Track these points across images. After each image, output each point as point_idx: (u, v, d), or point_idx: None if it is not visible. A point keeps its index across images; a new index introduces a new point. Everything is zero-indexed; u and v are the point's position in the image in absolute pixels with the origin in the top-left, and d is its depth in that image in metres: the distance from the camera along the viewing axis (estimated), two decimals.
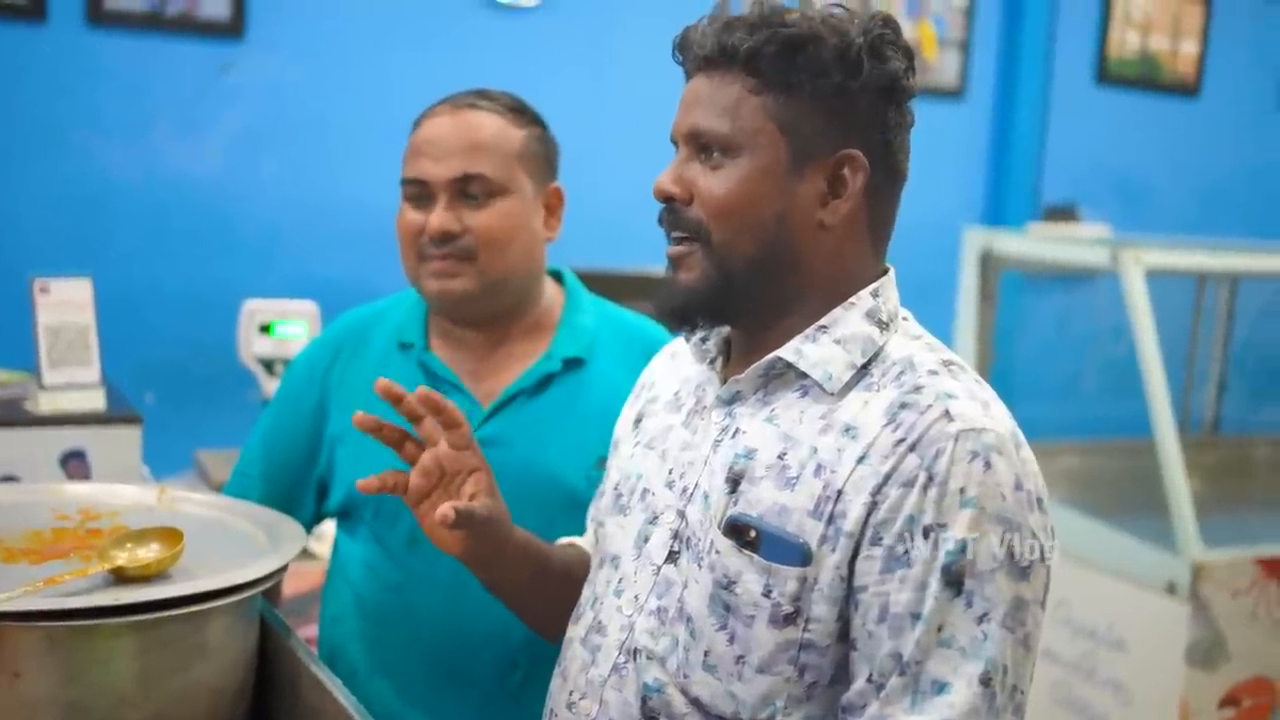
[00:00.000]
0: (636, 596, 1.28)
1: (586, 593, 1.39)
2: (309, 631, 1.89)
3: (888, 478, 1.15)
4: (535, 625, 1.50)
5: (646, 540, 1.30)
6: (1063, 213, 4.85)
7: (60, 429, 2.28)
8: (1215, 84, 5.11)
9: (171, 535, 1.35)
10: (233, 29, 3.43)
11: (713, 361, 1.33)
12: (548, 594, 1.45)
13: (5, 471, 2.23)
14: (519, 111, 1.70)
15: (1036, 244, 3.77)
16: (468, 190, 1.64)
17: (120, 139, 3.37)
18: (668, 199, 1.26)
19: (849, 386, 1.22)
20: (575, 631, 1.36)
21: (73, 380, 2.33)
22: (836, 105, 1.22)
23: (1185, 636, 2.97)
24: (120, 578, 1.30)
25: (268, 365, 2.87)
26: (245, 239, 3.51)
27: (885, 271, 1.30)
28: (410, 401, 1.36)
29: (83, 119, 3.32)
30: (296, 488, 1.72)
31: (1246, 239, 4.56)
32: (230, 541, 1.45)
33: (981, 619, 1.12)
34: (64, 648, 1.22)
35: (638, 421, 1.41)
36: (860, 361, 1.23)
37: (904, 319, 1.29)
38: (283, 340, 2.87)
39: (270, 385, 2.89)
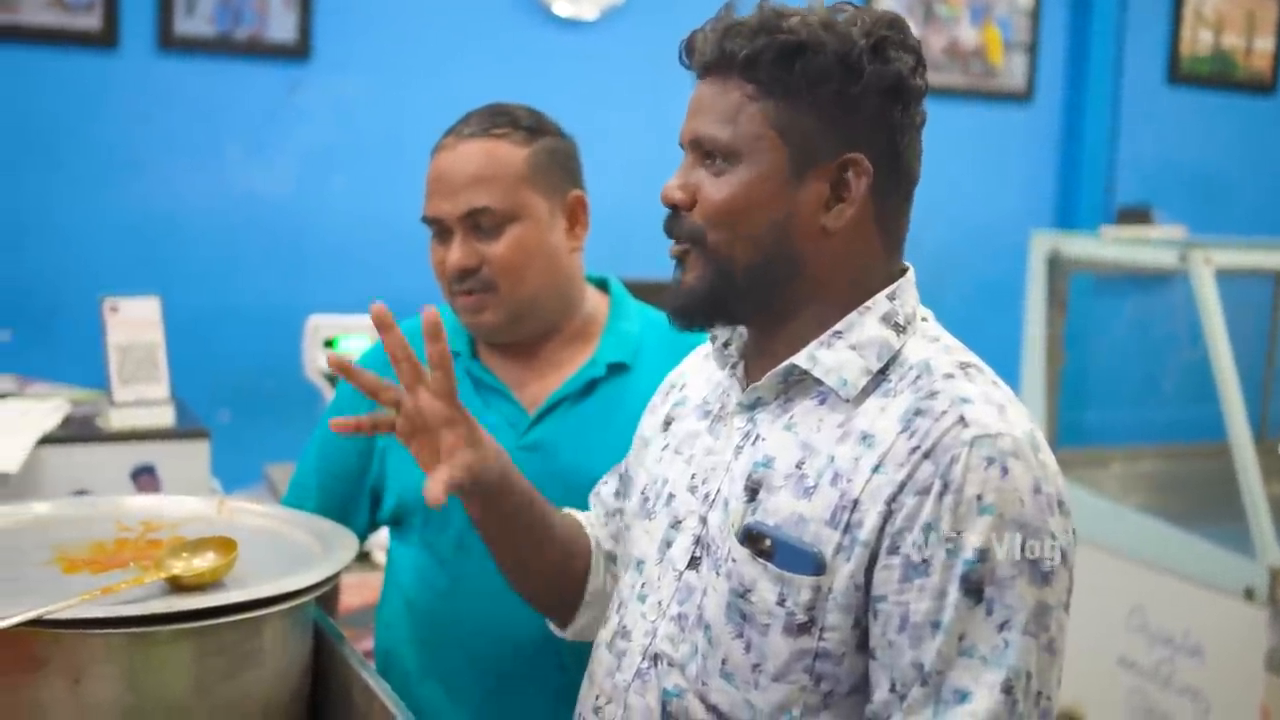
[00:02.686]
0: (660, 602, 1.29)
1: (614, 597, 1.39)
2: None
3: (903, 486, 1.14)
4: (523, 587, 1.47)
5: (669, 545, 1.30)
6: (1137, 214, 4.78)
7: (130, 444, 2.34)
8: None
9: (226, 544, 1.38)
10: (300, 51, 3.50)
11: (734, 366, 1.33)
12: (542, 554, 1.43)
13: (78, 486, 2.28)
14: (525, 127, 1.68)
15: (1104, 246, 3.72)
16: (478, 224, 1.65)
17: (192, 161, 3.44)
18: (673, 205, 1.27)
19: (866, 392, 1.21)
20: (602, 635, 1.37)
21: (142, 397, 2.38)
22: (838, 109, 1.20)
23: (1264, 642, 2.91)
24: (176, 586, 1.33)
25: (332, 379, 2.91)
26: (315, 256, 3.57)
27: (904, 272, 1.28)
28: (395, 338, 1.34)
29: (155, 143, 3.39)
30: (351, 497, 1.75)
31: None
32: (285, 551, 1.47)
33: (1003, 626, 1.10)
34: (121, 654, 1.25)
35: (667, 424, 1.41)
36: (876, 367, 1.21)
37: (924, 319, 1.27)
38: (346, 355, 2.89)
39: None
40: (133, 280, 3.09)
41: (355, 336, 3.01)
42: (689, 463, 1.32)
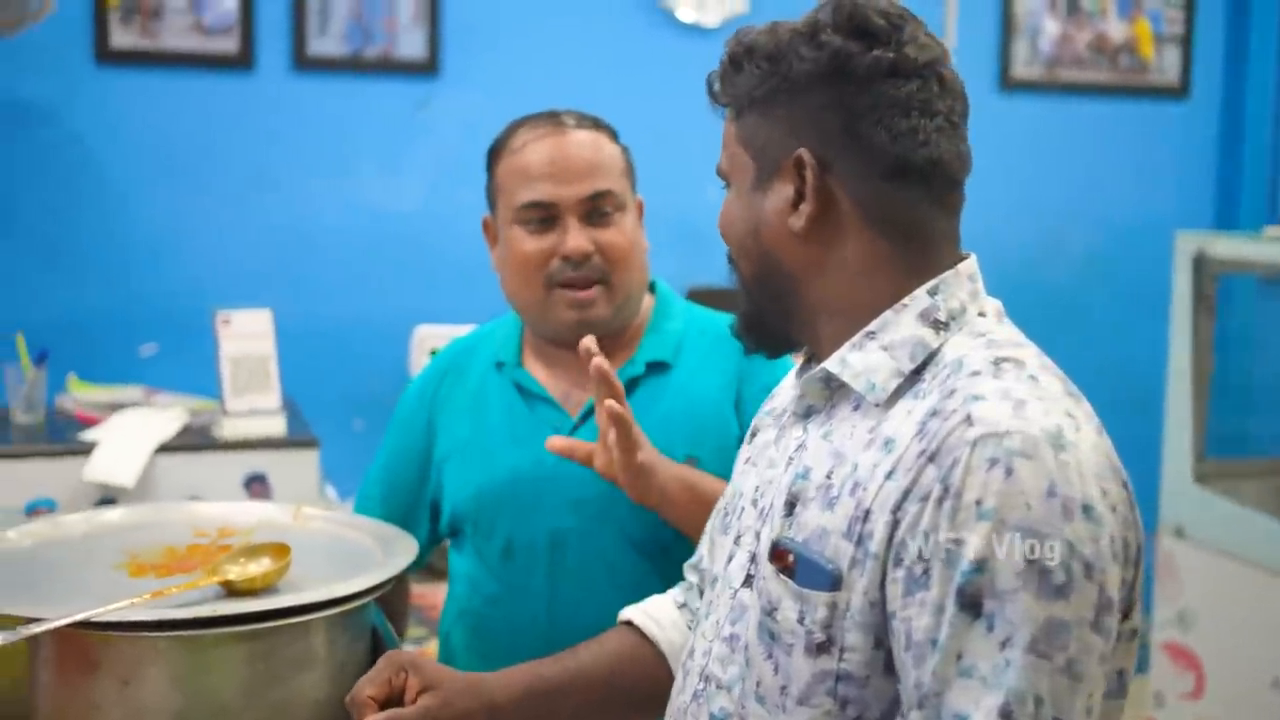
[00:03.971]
0: (717, 621, 1.25)
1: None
2: None
3: (907, 493, 1.06)
4: None
5: (730, 561, 1.26)
6: None
7: (242, 453, 2.41)
8: None
9: (282, 550, 1.40)
10: (428, 67, 3.55)
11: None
12: (593, 701, 1.40)
13: (192, 494, 2.36)
14: (604, 127, 1.71)
15: (1251, 246, 3.53)
16: (596, 208, 1.65)
17: (326, 177, 3.52)
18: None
19: (899, 395, 1.14)
20: (681, 655, 1.34)
21: (254, 407, 2.45)
22: (778, 108, 1.18)
23: None
24: (231, 591, 1.35)
25: None
26: (444, 269, 3.61)
27: (956, 263, 1.20)
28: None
29: (290, 160, 3.48)
30: (412, 508, 1.77)
31: None
32: (346, 556, 1.49)
33: (1005, 644, 1.01)
34: (169, 657, 1.28)
35: (752, 436, 1.38)
36: (909, 368, 1.14)
37: (981, 315, 1.18)
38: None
39: None
40: (269, 294, 3.18)
41: None
42: (759, 475, 1.29)
